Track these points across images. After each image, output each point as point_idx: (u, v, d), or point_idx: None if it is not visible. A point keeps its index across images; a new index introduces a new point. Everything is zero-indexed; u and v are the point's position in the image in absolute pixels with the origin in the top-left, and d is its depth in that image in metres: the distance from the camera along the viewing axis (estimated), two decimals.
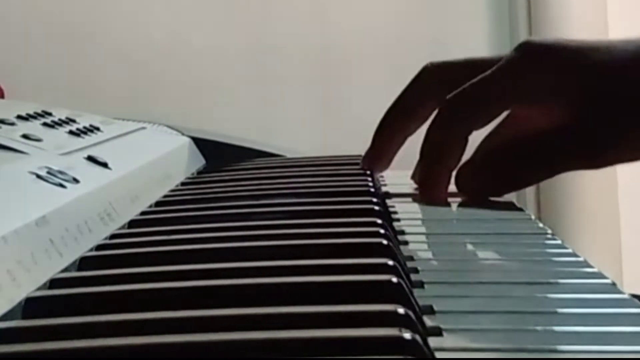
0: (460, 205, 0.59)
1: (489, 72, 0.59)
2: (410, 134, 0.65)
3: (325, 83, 1.62)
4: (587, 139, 0.57)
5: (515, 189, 0.61)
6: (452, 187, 0.61)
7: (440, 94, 0.61)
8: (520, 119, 0.62)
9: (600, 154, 0.57)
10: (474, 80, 0.59)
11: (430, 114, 0.63)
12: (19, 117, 0.65)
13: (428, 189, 0.61)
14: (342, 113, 1.58)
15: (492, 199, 0.61)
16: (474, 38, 1.62)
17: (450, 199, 0.60)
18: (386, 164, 0.67)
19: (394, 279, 0.36)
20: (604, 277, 0.41)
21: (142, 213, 0.56)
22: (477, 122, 0.60)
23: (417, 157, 0.62)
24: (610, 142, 0.56)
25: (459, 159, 0.60)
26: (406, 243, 0.48)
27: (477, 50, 1.61)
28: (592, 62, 0.57)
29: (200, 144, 0.85)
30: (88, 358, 0.30)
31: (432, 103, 0.62)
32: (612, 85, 0.56)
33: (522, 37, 1.59)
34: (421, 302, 0.36)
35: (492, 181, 0.60)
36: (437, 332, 0.33)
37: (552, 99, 0.58)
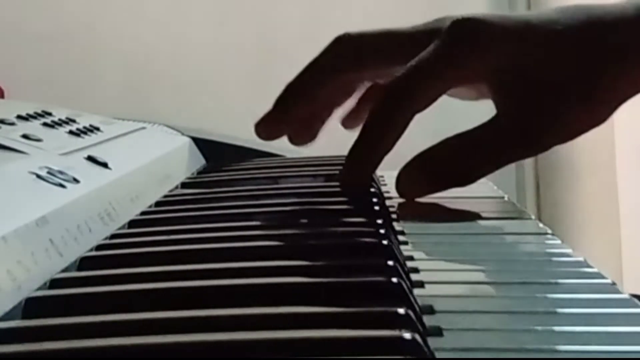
0: (460, 205, 0.59)
1: (430, 51, 0.58)
2: (317, 104, 0.63)
3: None
4: (520, 129, 0.57)
5: (458, 186, 0.60)
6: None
7: (353, 65, 0.61)
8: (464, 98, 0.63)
9: (537, 141, 0.58)
10: (416, 60, 0.57)
11: (342, 84, 0.63)
12: (19, 117, 0.65)
13: (355, 168, 0.59)
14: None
15: (492, 199, 0.60)
16: None
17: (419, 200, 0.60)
18: (298, 134, 0.66)
19: (394, 279, 0.36)
20: (604, 277, 0.41)
21: (142, 213, 0.56)
22: (422, 103, 0.58)
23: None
24: (543, 130, 0.57)
25: (394, 144, 0.58)
26: (406, 243, 0.48)
27: None
28: (529, 45, 0.57)
29: (200, 144, 0.85)
30: (88, 358, 0.30)
31: (344, 73, 0.62)
32: (546, 69, 0.56)
33: None
34: (421, 302, 0.36)
35: (432, 183, 0.59)
36: (437, 332, 0.33)
37: (487, 82, 0.58)
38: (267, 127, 0.64)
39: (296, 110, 0.63)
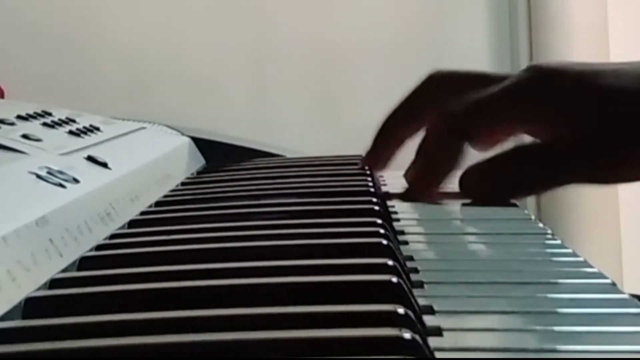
0: (460, 205, 0.59)
1: (495, 88, 0.59)
2: (409, 138, 0.65)
3: (326, 83, 1.62)
4: (588, 162, 0.57)
5: (518, 197, 0.61)
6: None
7: (443, 103, 0.61)
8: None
9: (601, 176, 0.58)
10: (480, 94, 0.59)
11: (425, 121, 0.64)
12: (19, 117, 0.65)
13: (415, 192, 0.61)
14: (342, 113, 1.58)
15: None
16: (474, 39, 1.62)
17: (446, 201, 0.60)
18: (384, 166, 0.68)
19: (394, 279, 0.36)
20: (604, 277, 0.41)
21: (142, 213, 0.56)
22: (474, 135, 0.60)
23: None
24: (609, 166, 0.57)
25: (452, 169, 0.60)
26: (406, 243, 0.48)
27: (477, 50, 1.61)
28: (595, 87, 0.57)
29: (200, 144, 0.85)
30: (88, 358, 0.30)
31: (434, 111, 0.63)
32: (612, 111, 0.56)
33: (522, 37, 1.59)
34: (421, 302, 0.36)
35: (498, 186, 0.60)
36: (437, 332, 0.33)
37: (551, 122, 0.58)
38: (372, 165, 0.68)
39: (392, 150, 0.66)
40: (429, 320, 0.34)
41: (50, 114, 0.70)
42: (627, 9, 1.62)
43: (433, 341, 0.32)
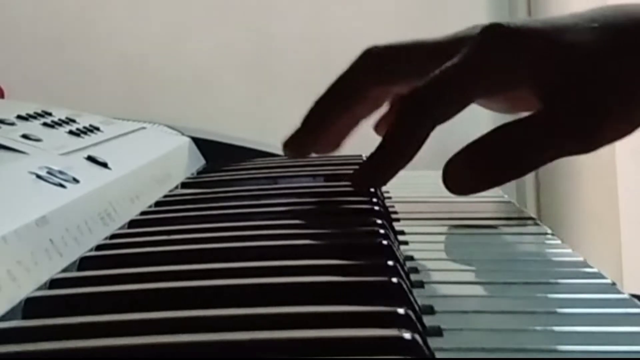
0: (460, 205, 0.59)
1: (455, 59, 0.54)
2: (347, 120, 0.62)
3: (325, 83, 1.62)
4: (572, 124, 0.53)
5: (506, 182, 0.56)
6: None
7: (382, 79, 0.59)
8: (494, 108, 0.60)
9: (589, 137, 0.54)
10: (441, 69, 0.54)
11: (371, 99, 0.61)
12: (19, 117, 0.65)
13: (370, 176, 0.58)
14: None
15: (493, 199, 0.60)
16: None
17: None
18: (308, 151, 0.63)
19: (394, 279, 0.36)
20: (604, 277, 0.41)
21: (142, 213, 0.56)
22: (445, 114, 0.55)
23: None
24: (596, 125, 0.53)
25: (413, 156, 0.56)
26: (406, 243, 0.48)
27: None
28: (568, 43, 0.54)
29: (200, 144, 0.85)
30: (88, 358, 0.30)
31: (373, 88, 0.60)
32: (590, 66, 0.53)
33: None
34: (421, 302, 0.36)
35: (480, 177, 0.55)
36: (437, 332, 0.33)
37: (527, 86, 0.54)
38: (295, 146, 0.62)
39: (325, 128, 0.62)
40: (429, 320, 0.34)
41: (50, 114, 0.70)
42: None
43: (433, 341, 0.32)
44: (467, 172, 0.55)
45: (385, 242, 0.43)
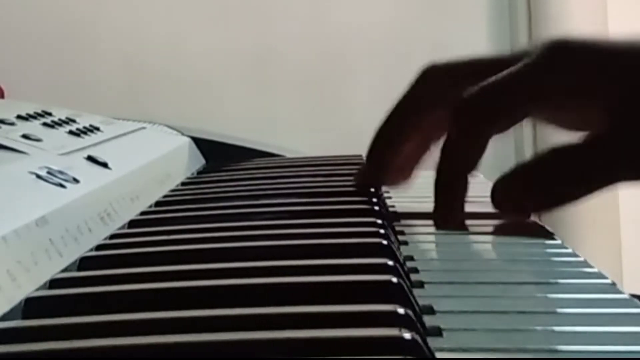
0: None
1: (512, 69, 0.52)
2: (412, 145, 0.58)
3: (325, 83, 1.62)
4: (633, 147, 0.50)
5: (556, 208, 0.53)
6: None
7: (444, 99, 0.55)
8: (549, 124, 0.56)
9: None
10: (496, 78, 0.52)
11: (435, 120, 0.57)
12: (19, 117, 0.65)
13: (447, 200, 0.54)
14: (342, 113, 1.58)
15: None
16: (474, 38, 1.62)
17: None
18: (385, 181, 0.61)
19: (394, 279, 0.36)
20: (604, 277, 0.41)
21: (142, 213, 0.56)
22: (499, 125, 0.53)
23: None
24: None
25: (476, 166, 0.53)
26: (406, 243, 0.48)
27: (477, 51, 1.61)
28: (632, 63, 0.51)
29: (200, 144, 0.85)
30: (88, 358, 0.30)
31: (436, 109, 0.56)
32: None
33: (522, 37, 1.59)
34: (421, 302, 0.36)
35: (539, 197, 0.52)
36: (437, 332, 0.33)
37: (586, 102, 0.51)
38: (367, 181, 0.60)
39: (392, 159, 0.58)
40: (429, 320, 0.34)
41: (50, 114, 0.70)
42: (627, 10, 1.62)
43: (433, 341, 0.32)
44: (519, 192, 0.52)
45: (385, 242, 0.43)
